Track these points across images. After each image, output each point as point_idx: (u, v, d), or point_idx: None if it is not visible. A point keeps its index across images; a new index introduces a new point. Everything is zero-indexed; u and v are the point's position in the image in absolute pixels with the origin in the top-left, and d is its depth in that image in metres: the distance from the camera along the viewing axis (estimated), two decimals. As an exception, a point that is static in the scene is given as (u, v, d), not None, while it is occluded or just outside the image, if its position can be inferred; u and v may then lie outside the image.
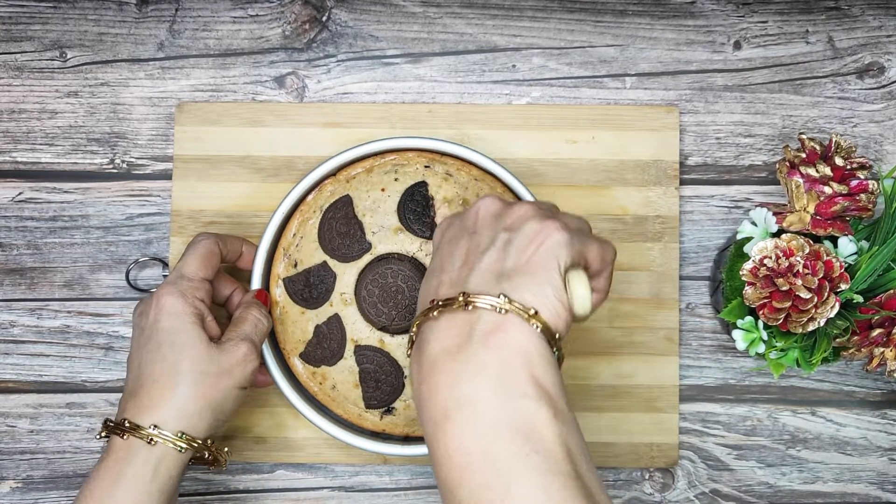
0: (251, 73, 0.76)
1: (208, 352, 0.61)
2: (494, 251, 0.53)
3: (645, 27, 0.76)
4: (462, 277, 0.53)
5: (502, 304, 0.51)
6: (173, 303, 0.62)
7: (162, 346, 0.61)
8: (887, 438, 0.74)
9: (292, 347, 0.70)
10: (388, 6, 0.76)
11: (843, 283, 0.60)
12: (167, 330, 0.61)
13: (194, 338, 0.61)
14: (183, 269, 0.64)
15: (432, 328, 0.52)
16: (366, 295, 0.68)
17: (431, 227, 0.68)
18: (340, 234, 0.69)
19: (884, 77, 0.76)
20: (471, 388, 0.49)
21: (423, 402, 0.51)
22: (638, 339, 0.73)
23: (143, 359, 0.61)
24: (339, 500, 0.74)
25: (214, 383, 0.61)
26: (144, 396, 0.60)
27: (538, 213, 0.55)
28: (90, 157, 0.75)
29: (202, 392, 0.61)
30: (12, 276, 0.75)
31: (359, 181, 0.70)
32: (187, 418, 0.60)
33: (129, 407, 0.60)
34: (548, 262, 0.52)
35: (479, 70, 0.76)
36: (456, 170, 0.70)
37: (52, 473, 0.74)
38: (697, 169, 0.75)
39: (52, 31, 0.76)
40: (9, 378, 0.75)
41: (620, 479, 0.74)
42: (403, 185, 0.69)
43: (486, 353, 0.50)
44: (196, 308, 0.62)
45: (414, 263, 0.68)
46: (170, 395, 0.60)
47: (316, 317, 0.69)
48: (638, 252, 0.74)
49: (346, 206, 0.69)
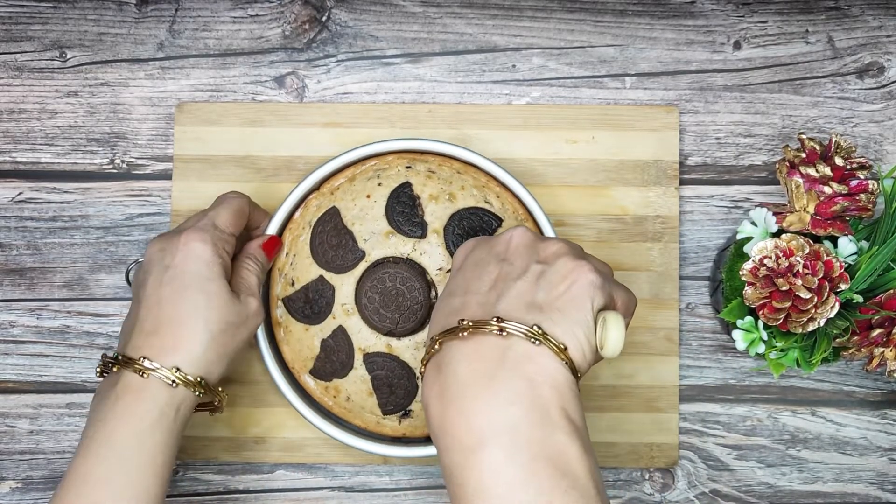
0: (251, 73, 0.76)
1: (232, 302, 0.61)
2: (526, 281, 0.54)
3: (645, 27, 0.76)
4: (491, 301, 0.53)
5: (536, 334, 0.51)
6: (204, 249, 0.61)
7: (189, 289, 0.60)
8: (887, 438, 0.74)
9: (301, 365, 0.70)
10: (388, 6, 0.76)
11: (843, 283, 0.60)
12: (195, 274, 0.61)
13: (221, 287, 0.61)
14: (216, 219, 0.64)
15: (460, 349, 0.52)
16: (367, 302, 0.68)
17: (422, 225, 0.68)
18: (332, 247, 0.69)
19: (884, 77, 0.76)
20: (507, 417, 0.49)
21: (450, 426, 0.50)
22: (638, 339, 0.73)
23: (164, 296, 0.60)
24: (340, 500, 0.74)
25: (234, 332, 0.61)
26: (168, 336, 0.59)
27: (571, 251, 0.55)
28: (90, 158, 0.75)
29: (224, 340, 0.61)
30: (12, 276, 0.75)
31: (343, 191, 0.69)
32: (207, 364, 0.60)
33: (148, 345, 0.59)
34: (582, 302, 0.52)
35: (479, 70, 0.76)
36: (437, 166, 0.69)
37: (52, 474, 0.74)
38: (697, 169, 0.75)
39: (52, 31, 0.76)
40: (9, 378, 0.75)
41: (620, 479, 0.74)
42: (388, 188, 0.69)
43: (519, 383, 0.50)
44: (223, 259, 0.62)
45: (410, 264, 0.68)
46: (195, 339, 0.59)
47: (321, 331, 0.69)
48: (638, 252, 0.74)
49: (334, 218, 0.69)
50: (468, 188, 0.69)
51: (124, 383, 0.59)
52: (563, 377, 0.51)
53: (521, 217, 0.69)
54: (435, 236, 0.68)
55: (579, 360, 0.52)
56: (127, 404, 0.58)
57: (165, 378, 0.58)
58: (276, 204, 0.70)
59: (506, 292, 0.53)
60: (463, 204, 0.69)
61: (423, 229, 0.68)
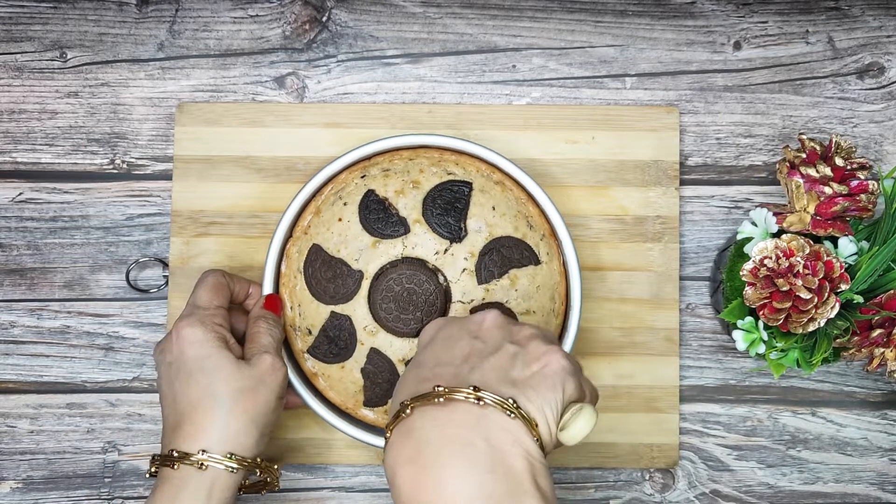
0: (251, 73, 0.76)
1: (239, 368, 0.62)
2: (500, 358, 0.54)
3: (645, 27, 0.76)
4: (464, 372, 0.54)
5: (511, 406, 0.51)
6: (194, 332, 0.62)
7: (193, 374, 0.61)
8: (888, 439, 0.74)
9: (353, 403, 0.69)
10: (389, 6, 0.76)
11: (844, 283, 0.60)
12: (194, 358, 0.61)
13: (223, 359, 0.62)
14: (196, 301, 0.65)
15: (434, 414, 0.52)
16: (385, 315, 0.68)
17: (401, 222, 0.68)
18: (329, 280, 0.68)
19: (884, 77, 0.76)
20: (481, 484, 0.49)
21: (423, 492, 0.50)
22: (638, 339, 0.73)
23: (176, 391, 0.61)
24: (340, 500, 0.74)
25: (252, 397, 0.61)
26: (188, 425, 0.60)
27: (544, 337, 0.57)
28: (90, 158, 0.76)
29: (242, 408, 0.61)
30: (12, 276, 0.75)
31: (315, 226, 0.69)
32: (233, 437, 0.60)
33: (175, 438, 0.60)
34: (554, 384, 0.53)
35: (479, 70, 0.76)
36: (389, 162, 0.69)
37: (53, 474, 0.74)
38: (697, 169, 0.75)
39: (52, 31, 0.76)
40: (9, 378, 0.75)
41: (621, 480, 0.74)
42: (354, 204, 0.69)
43: (494, 452, 0.50)
44: (217, 332, 0.63)
45: (406, 261, 0.68)
46: (212, 417, 0.60)
47: (356, 363, 0.68)
48: (638, 252, 0.74)
49: (319, 254, 0.69)
50: (426, 169, 0.69)
51: (159, 478, 0.60)
52: (535, 451, 0.51)
53: (485, 172, 0.69)
54: (418, 226, 0.68)
55: (546, 439, 0.53)
56: (160, 497, 0.59)
57: (195, 463, 0.59)
58: (275, 204, 0.70)
59: (480, 365, 0.54)
60: (428, 185, 0.69)
61: (403, 225, 0.68)
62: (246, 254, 0.74)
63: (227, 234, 0.74)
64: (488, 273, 0.68)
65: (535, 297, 0.68)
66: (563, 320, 0.70)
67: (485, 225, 0.68)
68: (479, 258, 0.68)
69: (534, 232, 0.69)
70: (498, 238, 0.68)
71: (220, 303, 0.66)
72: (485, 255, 0.68)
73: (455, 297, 0.68)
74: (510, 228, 0.68)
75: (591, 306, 0.73)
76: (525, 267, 0.68)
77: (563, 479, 0.74)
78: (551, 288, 0.69)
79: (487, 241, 0.68)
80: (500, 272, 0.68)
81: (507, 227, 0.68)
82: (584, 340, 0.73)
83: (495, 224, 0.68)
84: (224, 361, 0.61)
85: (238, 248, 0.74)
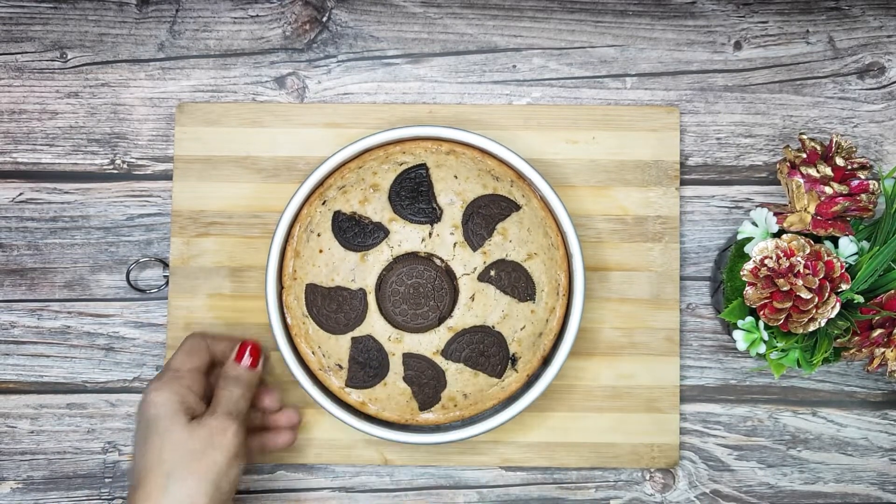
0: (251, 73, 0.76)
1: (188, 430, 0.63)
2: None
3: (645, 27, 0.76)
4: None
5: None
6: (158, 394, 0.64)
7: (149, 436, 0.63)
8: (888, 439, 0.74)
9: (411, 413, 0.70)
10: (389, 6, 0.76)
11: (844, 283, 0.60)
12: (153, 419, 0.63)
13: (175, 421, 0.63)
14: (171, 364, 0.67)
15: None
16: (402, 318, 0.68)
17: (378, 228, 0.68)
18: (336, 311, 0.69)
19: (884, 77, 0.76)
20: None
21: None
22: (638, 339, 0.73)
23: (138, 451, 0.64)
24: (340, 500, 0.74)
25: (201, 458, 0.62)
26: (141, 491, 0.62)
27: None
28: (91, 158, 0.76)
29: (191, 470, 0.62)
30: (13, 276, 0.75)
31: (301, 268, 0.69)
32: (184, 499, 0.61)
33: (136, 500, 0.62)
34: None
35: (479, 70, 0.76)
36: (341, 178, 0.70)
37: (53, 474, 0.74)
38: (698, 169, 0.75)
39: (52, 31, 0.76)
40: (9, 378, 0.75)
41: (621, 480, 0.74)
42: (327, 231, 0.69)
43: None
44: (179, 395, 0.64)
45: (399, 260, 0.68)
46: (163, 484, 0.61)
47: (396, 375, 0.69)
48: (638, 252, 0.74)
49: (316, 292, 0.69)
50: (378, 169, 0.69)
51: None
52: None
53: (433, 149, 0.70)
54: (394, 224, 0.68)
55: None
56: None
57: None
58: (275, 204, 0.70)
59: None
60: (387, 183, 0.69)
61: (381, 229, 0.68)
62: (246, 254, 0.74)
63: (228, 234, 0.74)
64: (478, 237, 0.68)
65: (529, 239, 0.69)
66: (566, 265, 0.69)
67: (455, 195, 0.69)
68: (463, 227, 0.68)
69: (501, 182, 0.70)
70: (472, 202, 0.69)
71: (194, 365, 0.67)
72: (468, 223, 0.69)
73: (458, 273, 0.68)
74: (479, 188, 0.69)
75: (591, 306, 0.73)
76: (509, 217, 0.69)
77: (564, 479, 0.74)
78: (541, 225, 0.69)
79: (464, 209, 0.69)
80: (489, 231, 0.68)
81: (476, 188, 0.69)
82: (585, 340, 0.73)
83: (464, 190, 0.69)
84: (175, 423, 0.63)
85: (238, 248, 0.74)
